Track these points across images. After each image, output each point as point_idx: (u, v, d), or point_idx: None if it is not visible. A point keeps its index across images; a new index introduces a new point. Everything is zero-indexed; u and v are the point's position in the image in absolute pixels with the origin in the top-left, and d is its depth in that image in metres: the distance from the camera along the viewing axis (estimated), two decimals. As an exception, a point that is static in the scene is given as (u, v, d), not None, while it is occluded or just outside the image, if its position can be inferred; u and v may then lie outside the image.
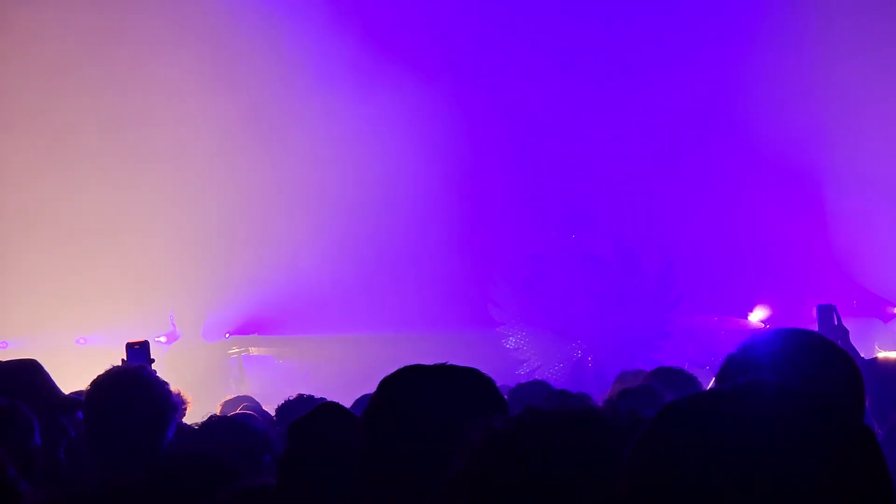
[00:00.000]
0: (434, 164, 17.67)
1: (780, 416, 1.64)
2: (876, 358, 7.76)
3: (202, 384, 13.15)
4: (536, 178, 18.05)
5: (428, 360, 2.89)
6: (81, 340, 16.53)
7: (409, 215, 17.65)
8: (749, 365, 2.86)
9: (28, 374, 4.82)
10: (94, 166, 16.18)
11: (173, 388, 4.62)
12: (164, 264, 16.32)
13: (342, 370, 15.70)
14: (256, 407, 8.24)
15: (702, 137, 17.70)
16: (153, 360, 5.75)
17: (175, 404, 4.47)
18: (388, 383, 2.72)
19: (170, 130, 16.53)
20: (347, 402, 6.20)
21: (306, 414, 3.40)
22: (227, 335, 17.50)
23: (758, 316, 17.50)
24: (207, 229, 16.64)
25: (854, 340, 7.32)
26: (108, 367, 4.56)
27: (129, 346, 5.96)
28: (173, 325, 16.64)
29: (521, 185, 18.03)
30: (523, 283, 18.14)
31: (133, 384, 4.38)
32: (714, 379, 3.03)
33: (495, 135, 17.93)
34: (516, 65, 18.04)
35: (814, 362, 2.87)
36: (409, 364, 2.81)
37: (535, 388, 7.21)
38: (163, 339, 16.37)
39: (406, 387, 2.69)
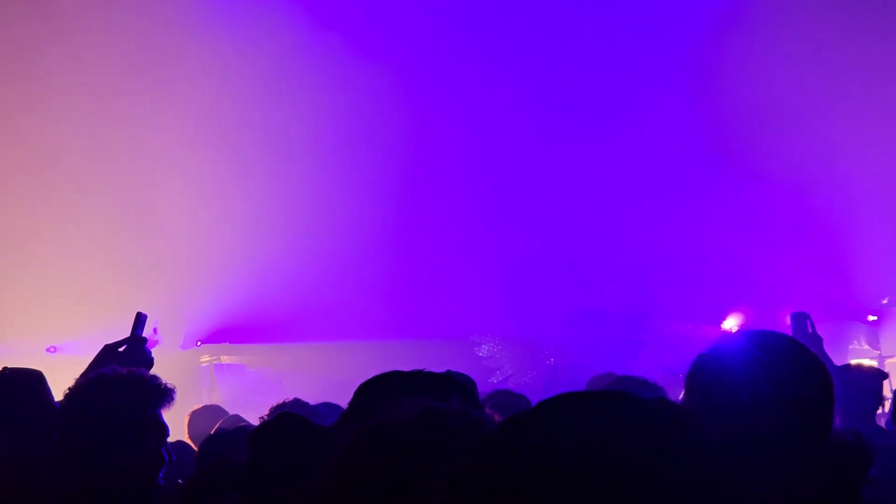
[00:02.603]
0: (407, 171, 17.69)
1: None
2: (849, 364, 7.81)
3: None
4: (510, 185, 18.06)
5: (400, 368, 2.88)
6: (52, 349, 16.41)
7: (381, 223, 17.63)
8: (720, 368, 2.87)
9: (28, 386, 4.64)
10: (65, 172, 16.09)
11: None
12: (136, 272, 16.24)
13: (314, 378, 15.66)
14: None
15: (675, 145, 17.76)
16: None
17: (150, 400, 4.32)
18: (365, 388, 2.71)
19: (143, 141, 16.48)
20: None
21: (265, 422, 3.39)
22: (199, 343, 17.41)
23: (731, 323, 17.54)
24: (179, 237, 16.59)
25: (828, 348, 7.33)
26: (77, 376, 4.49)
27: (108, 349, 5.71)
28: (156, 332, 16.51)
29: (495, 192, 18.03)
30: (496, 289, 18.16)
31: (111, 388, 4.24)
32: (685, 381, 3.03)
33: (468, 143, 17.94)
34: (493, 71, 18.05)
35: (783, 364, 2.88)
36: (385, 370, 2.81)
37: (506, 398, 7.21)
38: (135, 346, 16.22)
39: (383, 392, 2.68)
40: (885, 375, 7.38)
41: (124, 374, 4.32)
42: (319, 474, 2.09)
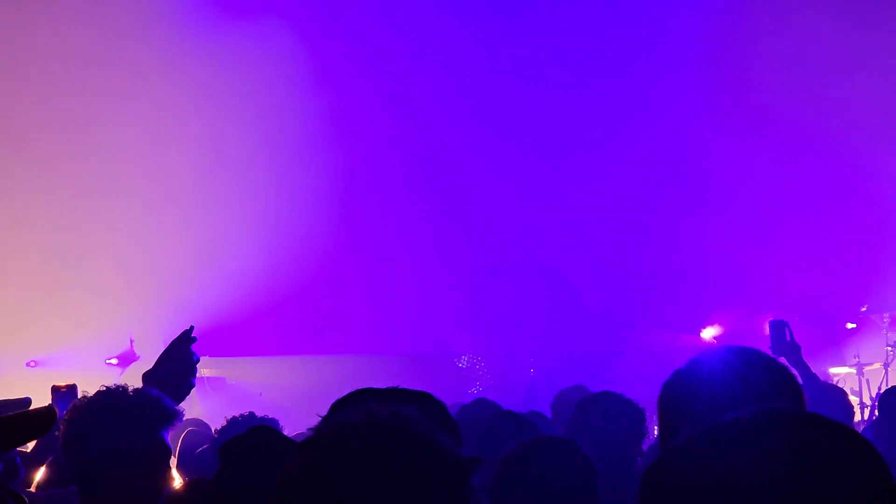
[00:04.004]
0: (388, 187, 17.71)
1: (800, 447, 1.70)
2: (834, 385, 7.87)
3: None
4: (487, 195, 18.07)
5: (380, 381, 2.89)
6: (32, 363, 16.35)
7: (362, 238, 17.66)
8: (700, 382, 2.88)
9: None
10: (46, 185, 16.05)
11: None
12: (116, 287, 16.20)
13: (294, 392, 15.66)
14: (205, 431, 8.21)
15: (654, 157, 17.81)
16: None
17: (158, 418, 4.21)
18: (338, 407, 2.71)
19: (123, 150, 16.44)
20: (302, 424, 6.17)
21: (238, 435, 3.38)
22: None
23: (710, 333, 17.57)
24: (158, 252, 16.56)
25: (806, 357, 7.37)
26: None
27: (55, 390, 5.56)
28: (132, 347, 16.48)
29: (473, 202, 18.04)
30: (475, 300, 18.16)
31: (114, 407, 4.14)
32: (658, 399, 3.04)
33: (444, 151, 17.94)
34: (472, 75, 18.08)
35: (763, 379, 2.89)
36: (360, 386, 2.82)
37: (480, 407, 7.24)
38: (114, 360, 16.20)
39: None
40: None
41: (131, 394, 4.27)
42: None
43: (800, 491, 1.61)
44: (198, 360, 5.01)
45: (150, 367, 4.93)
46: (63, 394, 5.24)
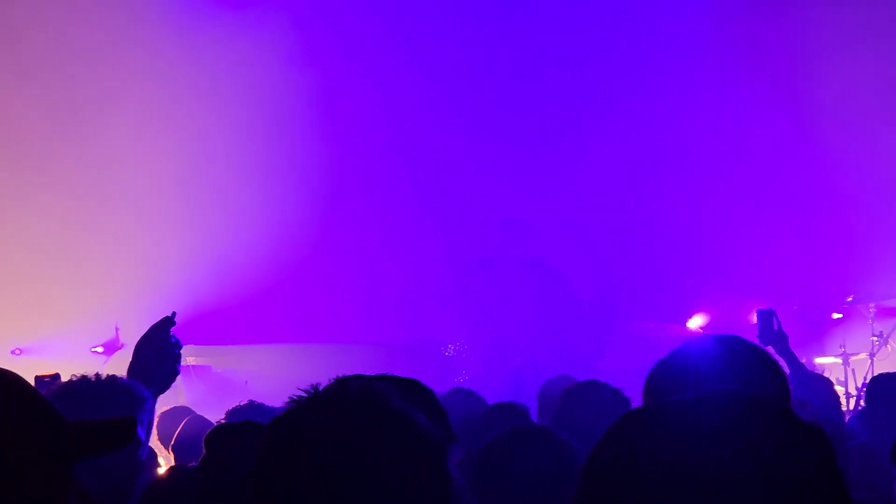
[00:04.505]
0: (375, 174, 17.69)
1: (740, 425, 1.66)
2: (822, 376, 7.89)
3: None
4: (473, 182, 18.05)
5: (367, 370, 2.88)
6: (17, 351, 16.31)
7: (348, 226, 17.64)
8: (686, 371, 2.86)
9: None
10: (29, 174, 16.00)
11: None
12: (101, 273, 16.16)
13: (281, 380, 15.63)
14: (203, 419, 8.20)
15: (641, 144, 17.80)
16: None
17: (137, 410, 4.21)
18: None
19: (105, 139, 16.39)
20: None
21: (224, 424, 3.36)
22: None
23: (696, 322, 17.59)
24: (144, 238, 16.53)
25: (793, 346, 7.38)
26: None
27: (39, 380, 5.53)
28: (117, 335, 16.44)
29: (458, 191, 18.02)
30: (461, 289, 18.15)
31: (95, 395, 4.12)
32: (644, 388, 3.02)
33: (431, 140, 17.92)
34: (453, 58, 18.06)
35: (749, 368, 2.88)
36: (347, 374, 2.80)
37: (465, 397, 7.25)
38: (100, 349, 16.16)
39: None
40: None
41: (103, 379, 4.26)
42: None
43: (739, 476, 1.59)
44: (180, 347, 4.99)
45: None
46: (47, 383, 5.19)
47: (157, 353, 4.92)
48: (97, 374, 4.30)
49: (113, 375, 4.37)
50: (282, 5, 17.39)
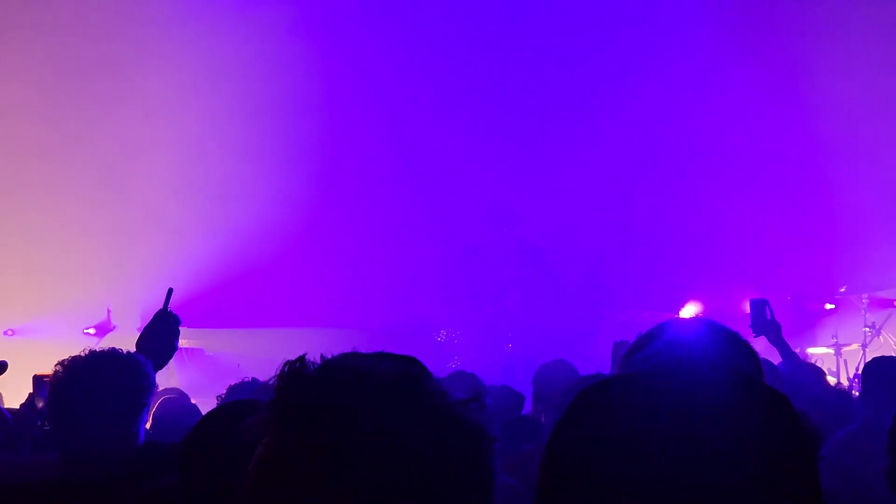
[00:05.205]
0: (369, 161, 17.68)
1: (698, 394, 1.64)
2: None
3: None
4: (466, 170, 18.05)
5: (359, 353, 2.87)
6: (10, 332, 16.32)
7: (343, 210, 17.64)
8: (676, 354, 2.82)
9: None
10: (21, 154, 15.98)
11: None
12: (94, 254, 16.15)
13: (272, 363, 15.60)
14: (183, 400, 8.20)
15: (636, 136, 17.81)
16: None
17: (147, 387, 4.23)
18: None
19: (100, 123, 16.37)
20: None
21: (218, 406, 3.35)
22: (156, 327, 17.32)
23: (690, 311, 17.59)
24: (141, 220, 16.54)
25: (785, 336, 7.38)
26: (35, 358, 4.43)
27: (37, 379, 5.50)
28: (109, 317, 16.45)
29: (452, 177, 18.02)
30: (454, 276, 18.16)
31: (104, 368, 4.14)
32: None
33: (424, 125, 17.91)
34: (449, 58, 18.05)
35: (735, 352, 2.85)
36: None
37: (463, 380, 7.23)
38: (92, 330, 16.18)
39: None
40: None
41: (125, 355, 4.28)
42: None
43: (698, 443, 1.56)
44: (179, 323, 5.05)
45: (139, 333, 4.94)
46: (46, 383, 5.20)
47: (170, 335, 4.99)
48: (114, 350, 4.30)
49: (132, 354, 4.37)
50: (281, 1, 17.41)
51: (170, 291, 5.20)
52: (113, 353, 4.23)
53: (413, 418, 1.75)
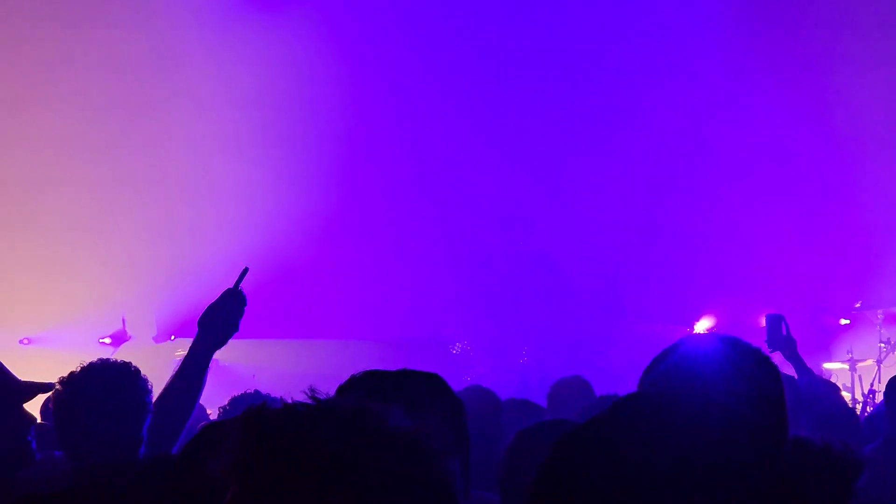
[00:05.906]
0: (383, 169, 17.67)
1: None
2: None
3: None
4: (482, 182, 18.03)
5: (374, 366, 2.87)
6: (25, 341, 16.34)
7: (357, 220, 17.63)
8: (690, 370, 2.80)
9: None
10: (37, 164, 16.00)
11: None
12: (110, 264, 16.18)
13: (288, 374, 15.63)
14: (200, 413, 8.20)
15: (651, 146, 17.77)
16: None
17: (148, 402, 4.31)
18: (348, 389, 2.65)
19: (114, 130, 16.40)
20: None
21: (211, 423, 3.36)
22: (173, 337, 17.35)
23: (704, 325, 17.56)
24: (157, 229, 16.55)
25: (800, 351, 7.37)
26: (51, 367, 4.44)
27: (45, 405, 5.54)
28: (124, 326, 16.46)
29: (467, 190, 18.00)
30: (469, 288, 18.15)
31: (110, 379, 4.23)
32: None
33: (438, 136, 17.89)
34: (458, 57, 18.02)
35: (756, 370, 2.82)
36: (355, 370, 2.77)
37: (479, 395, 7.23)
38: (107, 340, 16.19)
39: (367, 393, 2.62)
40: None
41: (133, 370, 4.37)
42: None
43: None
44: (246, 303, 5.16)
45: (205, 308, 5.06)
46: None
47: (234, 308, 5.12)
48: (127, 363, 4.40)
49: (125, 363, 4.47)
50: (294, 5, 17.40)
51: (245, 271, 5.31)
52: (108, 366, 4.36)
53: (372, 463, 1.85)
